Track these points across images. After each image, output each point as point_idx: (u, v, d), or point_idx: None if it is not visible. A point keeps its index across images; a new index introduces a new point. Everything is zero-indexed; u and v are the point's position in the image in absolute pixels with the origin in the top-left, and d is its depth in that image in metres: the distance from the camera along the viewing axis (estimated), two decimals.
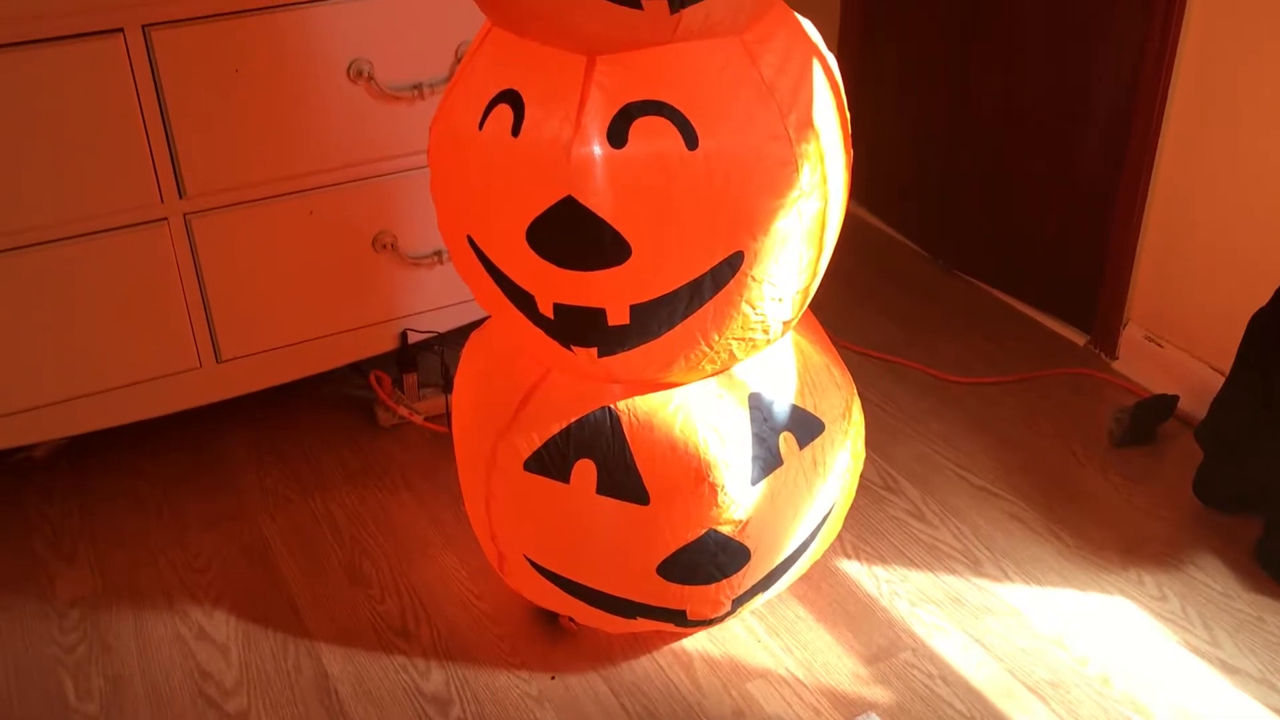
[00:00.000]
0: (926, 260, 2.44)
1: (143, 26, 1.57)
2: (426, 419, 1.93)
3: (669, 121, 1.15)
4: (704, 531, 1.33)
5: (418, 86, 1.75)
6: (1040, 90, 2.10)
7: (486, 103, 1.21)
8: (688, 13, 1.10)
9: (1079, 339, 2.15)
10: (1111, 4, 1.92)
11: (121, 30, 1.56)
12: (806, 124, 1.21)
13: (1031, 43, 2.10)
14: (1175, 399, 1.91)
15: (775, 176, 1.19)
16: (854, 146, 1.36)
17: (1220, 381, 1.73)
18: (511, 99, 1.19)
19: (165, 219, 1.68)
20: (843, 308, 2.22)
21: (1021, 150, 2.18)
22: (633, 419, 1.31)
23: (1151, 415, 1.90)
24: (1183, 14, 1.81)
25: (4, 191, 1.56)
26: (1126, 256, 2.01)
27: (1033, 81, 2.12)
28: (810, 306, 1.40)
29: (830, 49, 1.31)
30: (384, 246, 1.84)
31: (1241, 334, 1.68)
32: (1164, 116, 1.89)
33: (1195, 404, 1.88)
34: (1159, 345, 2.00)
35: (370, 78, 1.71)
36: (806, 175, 1.21)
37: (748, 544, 1.35)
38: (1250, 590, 1.61)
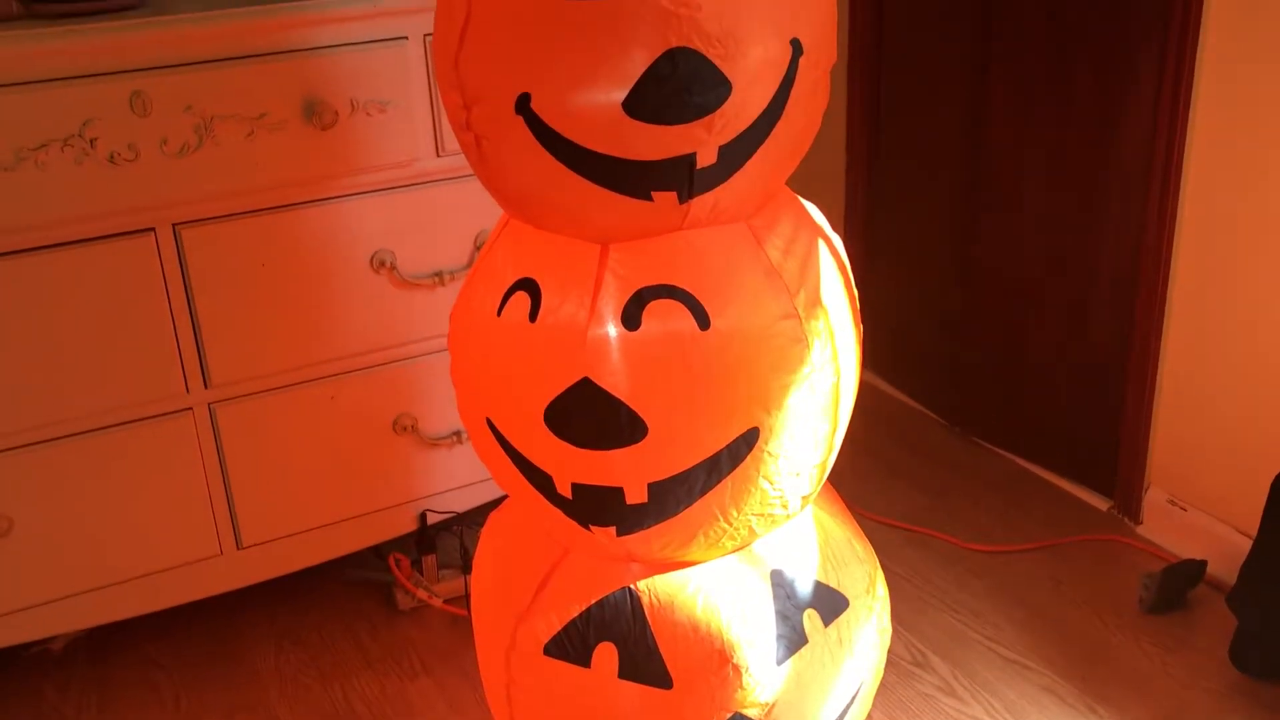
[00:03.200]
0: (944, 428, 2.44)
1: (173, 225, 1.63)
2: (446, 601, 1.91)
3: (681, 304, 1.18)
4: (729, 715, 1.29)
5: (438, 274, 1.80)
6: (1045, 261, 2.15)
7: (505, 290, 1.25)
8: (695, 203, 1.15)
9: (1101, 504, 2.14)
10: (1110, 181, 1.98)
11: (153, 230, 1.62)
12: (815, 302, 1.24)
13: (1033, 217, 2.15)
14: (1203, 564, 1.89)
15: (787, 353, 1.21)
16: (867, 319, 1.39)
17: (1247, 545, 1.71)
18: (529, 286, 1.22)
19: (190, 409, 1.71)
20: (863, 478, 2.22)
21: (1030, 317, 2.21)
22: (654, 599, 1.30)
23: (1180, 581, 1.86)
24: (1179, 189, 1.87)
25: (36, 386, 1.60)
26: (1143, 421, 2.01)
27: (1037, 253, 2.16)
28: (829, 478, 1.41)
29: (836, 229, 1.35)
30: (404, 429, 1.86)
31: (1265, 496, 1.67)
32: (1169, 282, 1.92)
33: (1224, 568, 1.85)
34: (1182, 509, 1.98)
35: (392, 267, 1.76)
36: (818, 351, 1.23)
37: None
38: None
